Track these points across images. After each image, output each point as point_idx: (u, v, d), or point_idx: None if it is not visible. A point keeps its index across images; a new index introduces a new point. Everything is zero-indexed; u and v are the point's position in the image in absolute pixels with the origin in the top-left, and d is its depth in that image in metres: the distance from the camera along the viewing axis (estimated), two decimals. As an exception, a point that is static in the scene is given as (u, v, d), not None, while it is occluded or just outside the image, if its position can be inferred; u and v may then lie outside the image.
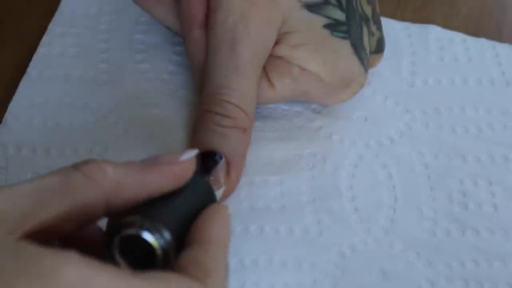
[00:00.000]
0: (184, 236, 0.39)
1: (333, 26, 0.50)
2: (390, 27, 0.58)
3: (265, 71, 0.51)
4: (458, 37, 0.58)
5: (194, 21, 0.50)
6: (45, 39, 0.56)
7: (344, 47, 0.51)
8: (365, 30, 0.52)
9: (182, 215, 0.40)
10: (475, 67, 0.56)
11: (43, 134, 0.52)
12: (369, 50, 0.53)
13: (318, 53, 0.50)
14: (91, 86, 0.54)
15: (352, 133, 0.53)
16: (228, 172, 0.48)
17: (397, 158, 0.52)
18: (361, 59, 0.51)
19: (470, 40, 0.58)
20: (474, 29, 0.59)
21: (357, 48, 0.51)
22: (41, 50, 0.56)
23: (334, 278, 0.46)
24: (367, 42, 0.52)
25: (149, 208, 0.39)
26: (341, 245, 0.48)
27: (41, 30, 0.57)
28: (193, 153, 0.41)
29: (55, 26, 0.57)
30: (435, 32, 0.58)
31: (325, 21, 0.50)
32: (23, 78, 0.54)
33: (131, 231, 0.37)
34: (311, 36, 0.50)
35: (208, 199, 0.43)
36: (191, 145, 0.50)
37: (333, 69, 0.51)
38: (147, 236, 0.37)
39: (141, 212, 0.38)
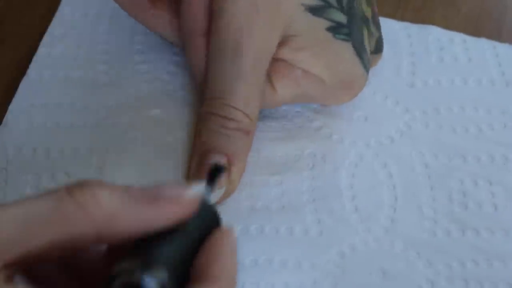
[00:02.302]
0: (188, 267, 0.37)
1: (335, 29, 0.50)
2: (390, 27, 0.58)
3: (268, 74, 0.51)
4: (458, 37, 0.58)
5: (197, 29, 0.50)
6: (45, 40, 0.56)
7: (346, 49, 0.51)
8: (365, 31, 0.52)
9: (184, 248, 0.38)
10: (475, 67, 0.56)
11: (43, 134, 0.52)
12: (369, 51, 0.53)
13: (321, 56, 0.50)
14: (91, 87, 0.54)
15: (352, 133, 0.53)
16: (229, 172, 0.49)
17: (397, 158, 0.52)
18: (363, 61, 0.51)
19: (470, 40, 0.58)
20: (474, 29, 0.59)
21: (359, 50, 0.51)
22: (41, 51, 0.56)
23: (334, 278, 0.46)
24: (368, 43, 0.52)
25: (148, 248, 0.37)
26: (341, 245, 0.48)
27: (41, 31, 0.57)
28: (199, 189, 0.38)
29: (55, 27, 0.57)
30: (435, 32, 0.58)
31: (327, 24, 0.50)
32: (23, 79, 0.54)
33: (131, 278, 0.35)
34: (313, 39, 0.50)
35: (213, 223, 0.40)
36: (194, 146, 0.50)
37: (335, 71, 0.51)
38: (149, 285, 0.35)
39: (139, 253, 0.36)
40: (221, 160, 0.48)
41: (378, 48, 0.54)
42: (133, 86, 0.54)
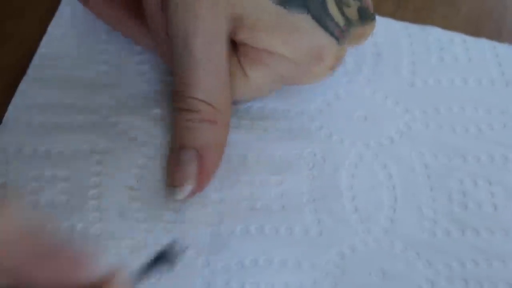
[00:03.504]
0: None
1: (286, 2, 0.49)
2: (390, 27, 0.58)
3: (239, 61, 0.50)
4: (458, 37, 0.58)
5: (159, 27, 0.51)
6: (45, 40, 0.56)
7: (304, 21, 0.49)
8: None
9: None
10: (475, 67, 0.56)
11: (43, 134, 0.52)
12: (346, 21, 0.51)
13: (277, 32, 0.49)
14: (91, 87, 0.54)
15: (352, 133, 0.53)
16: (201, 165, 0.49)
17: (397, 158, 0.52)
18: (328, 30, 0.50)
19: (470, 40, 0.58)
20: (474, 29, 0.59)
21: (320, 19, 0.50)
22: (41, 51, 0.56)
23: (334, 278, 0.47)
24: (337, 12, 0.51)
25: None
26: (341, 245, 0.48)
27: (41, 31, 0.57)
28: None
29: (55, 27, 0.57)
30: (435, 32, 0.58)
31: None
32: (23, 78, 0.54)
33: None
34: (265, 16, 0.49)
35: None
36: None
37: (297, 46, 0.50)
38: None
39: None
40: (191, 154, 0.49)
41: (364, 18, 0.52)
42: (134, 86, 0.55)
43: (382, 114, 0.54)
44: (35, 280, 0.36)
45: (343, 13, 0.51)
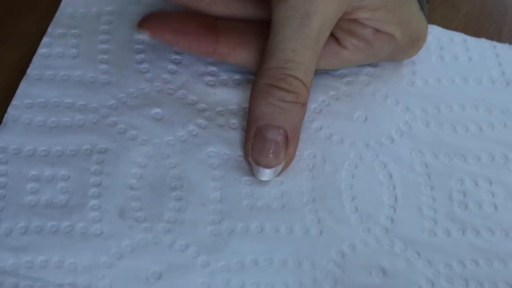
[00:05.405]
0: None
1: None
2: (390, 27, 0.58)
3: (334, 35, 0.51)
4: (458, 37, 0.58)
5: None
6: (45, 40, 0.56)
7: (412, 4, 0.52)
8: None
9: None
10: (475, 67, 0.56)
11: (43, 134, 0.52)
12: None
13: (395, 14, 0.51)
14: (91, 86, 0.54)
15: (352, 133, 0.53)
16: (287, 147, 0.49)
17: (397, 158, 0.52)
18: (425, 14, 0.52)
19: (470, 40, 0.58)
20: (474, 29, 0.59)
21: (422, 4, 0.52)
22: (41, 51, 0.56)
23: (334, 277, 0.47)
24: None
25: None
26: (341, 245, 0.48)
27: (41, 31, 0.57)
28: None
29: (55, 27, 0.57)
30: (435, 32, 0.58)
31: None
32: (23, 78, 0.54)
33: None
34: None
35: None
36: (250, 115, 0.50)
37: (407, 28, 0.52)
38: None
39: None
40: (281, 134, 0.49)
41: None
42: (133, 85, 0.54)
43: (382, 114, 0.54)
44: None
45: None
